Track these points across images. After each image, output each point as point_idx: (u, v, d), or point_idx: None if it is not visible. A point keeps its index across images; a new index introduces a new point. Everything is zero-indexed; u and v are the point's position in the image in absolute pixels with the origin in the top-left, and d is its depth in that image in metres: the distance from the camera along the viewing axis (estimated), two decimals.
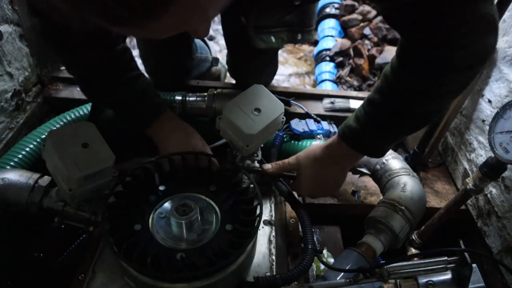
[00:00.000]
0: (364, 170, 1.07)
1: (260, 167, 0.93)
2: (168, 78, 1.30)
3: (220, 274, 0.65)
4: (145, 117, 0.93)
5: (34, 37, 1.26)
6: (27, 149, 0.99)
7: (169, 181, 0.79)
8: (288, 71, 2.28)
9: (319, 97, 1.40)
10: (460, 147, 1.28)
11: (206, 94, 1.19)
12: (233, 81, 1.39)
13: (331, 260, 1.08)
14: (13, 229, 1.00)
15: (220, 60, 1.58)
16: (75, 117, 1.10)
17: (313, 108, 1.34)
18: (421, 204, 0.94)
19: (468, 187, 0.93)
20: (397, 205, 0.89)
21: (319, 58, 2.22)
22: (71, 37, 0.83)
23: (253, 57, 1.18)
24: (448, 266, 0.74)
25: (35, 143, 1.00)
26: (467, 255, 0.71)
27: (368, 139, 0.82)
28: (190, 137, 0.93)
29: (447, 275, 0.75)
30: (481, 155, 1.16)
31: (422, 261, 0.76)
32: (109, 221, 0.70)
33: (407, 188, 0.94)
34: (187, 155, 0.83)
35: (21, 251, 1.04)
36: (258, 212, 0.73)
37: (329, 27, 2.33)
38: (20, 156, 0.97)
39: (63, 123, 1.07)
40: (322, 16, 2.42)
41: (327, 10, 2.41)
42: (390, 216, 0.88)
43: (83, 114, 1.11)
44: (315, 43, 2.40)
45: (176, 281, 0.64)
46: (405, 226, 0.88)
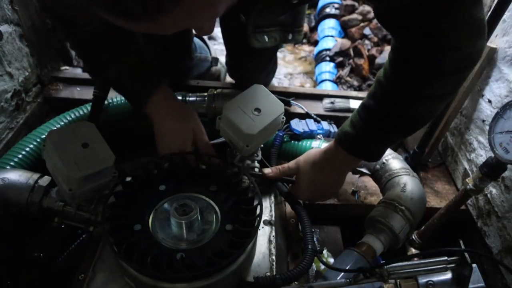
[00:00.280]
0: (364, 170, 1.07)
1: (260, 171, 0.93)
2: (167, 78, 1.31)
3: (220, 274, 0.65)
4: (137, 94, 0.89)
5: (34, 37, 1.26)
6: (27, 149, 0.98)
7: (169, 181, 0.79)
8: (288, 71, 2.28)
9: (319, 97, 1.40)
10: (460, 147, 1.28)
11: (206, 94, 1.19)
12: (233, 81, 1.39)
13: (331, 260, 1.08)
14: (13, 229, 1.00)
15: (220, 60, 1.58)
16: (75, 117, 1.10)
17: (313, 108, 1.34)
18: (421, 204, 0.94)
19: (468, 187, 0.93)
20: (397, 205, 0.89)
21: (319, 58, 2.22)
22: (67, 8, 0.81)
23: (251, 57, 1.18)
24: (448, 266, 0.74)
25: (35, 143, 1.00)
26: (467, 255, 0.71)
27: (364, 143, 0.83)
28: (186, 122, 0.90)
29: (447, 275, 0.75)
30: (481, 155, 1.16)
31: (422, 261, 0.76)
32: (109, 221, 0.70)
33: (407, 188, 0.94)
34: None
35: (21, 251, 1.04)
36: (258, 212, 0.73)
37: (329, 27, 2.33)
38: (20, 156, 0.96)
39: (63, 123, 1.07)
40: (322, 16, 2.41)
41: (327, 10, 2.40)
42: (390, 216, 0.88)
43: (83, 114, 1.11)
44: (315, 43, 2.40)
45: (176, 281, 0.64)
46: (405, 226, 0.88)
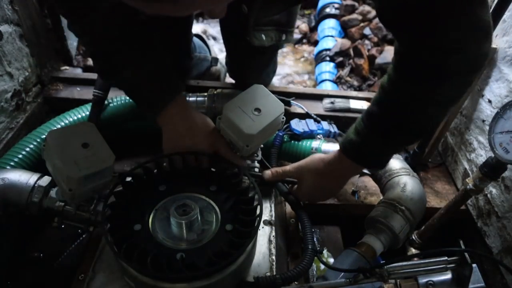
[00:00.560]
0: (364, 170, 1.07)
1: (260, 173, 0.93)
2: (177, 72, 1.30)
3: (220, 274, 0.65)
4: (152, 102, 0.84)
5: (34, 37, 1.26)
6: (27, 149, 0.98)
7: (169, 181, 0.79)
8: (288, 71, 2.28)
9: (319, 97, 1.40)
10: (460, 147, 1.28)
11: (206, 94, 1.19)
12: (233, 81, 1.39)
13: (331, 260, 1.08)
14: (13, 229, 1.00)
15: (220, 60, 1.58)
16: (75, 117, 1.10)
17: (313, 108, 1.34)
18: (421, 204, 0.94)
19: (468, 187, 0.93)
20: (397, 205, 0.89)
21: (319, 58, 2.22)
22: (84, 4, 0.77)
23: (252, 56, 1.18)
24: (448, 266, 0.74)
25: (35, 143, 1.00)
26: (467, 255, 0.71)
27: (370, 151, 0.82)
28: (196, 135, 0.86)
29: (447, 275, 0.75)
30: (481, 155, 1.16)
31: (422, 261, 0.76)
32: (109, 221, 0.70)
33: (407, 188, 0.94)
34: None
35: (21, 251, 1.04)
36: (258, 212, 0.73)
37: (329, 27, 2.33)
38: (20, 156, 0.96)
39: (63, 123, 1.07)
40: (322, 16, 2.41)
41: (327, 10, 2.40)
42: (390, 216, 0.88)
43: (83, 114, 1.11)
44: (315, 43, 2.40)
45: (176, 281, 0.64)
46: (405, 226, 0.88)
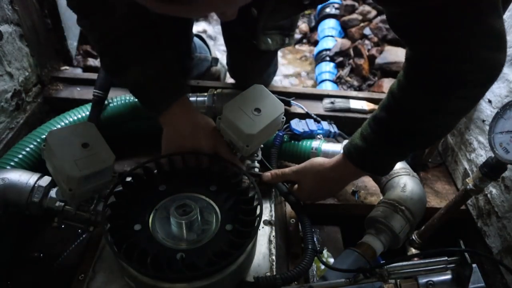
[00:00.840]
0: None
1: (260, 175, 0.93)
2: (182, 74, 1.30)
3: (220, 274, 0.65)
4: (163, 97, 0.84)
5: (34, 37, 1.26)
6: (27, 149, 0.98)
7: (169, 181, 0.79)
8: (288, 71, 2.28)
9: (319, 97, 1.40)
10: (460, 147, 1.28)
11: (206, 94, 1.19)
12: (233, 81, 1.39)
13: (331, 260, 1.08)
14: (13, 229, 1.00)
15: (220, 60, 1.58)
16: (75, 117, 1.10)
17: (313, 108, 1.34)
18: (421, 204, 0.94)
19: (468, 187, 0.93)
20: (397, 205, 0.89)
21: (319, 58, 2.22)
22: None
23: (252, 57, 1.18)
24: (448, 266, 0.74)
25: (35, 143, 1.00)
26: (467, 255, 0.71)
27: (375, 157, 0.81)
28: (197, 137, 0.85)
29: (447, 275, 0.75)
30: (481, 155, 1.16)
31: (422, 261, 0.76)
32: (109, 221, 0.70)
33: (407, 188, 0.94)
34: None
35: (21, 251, 1.04)
36: (258, 212, 0.73)
37: (329, 27, 2.33)
38: (20, 156, 0.97)
39: (63, 123, 1.07)
40: (322, 16, 2.41)
41: (327, 10, 2.40)
42: (390, 216, 0.88)
43: (83, 114, 1.11)
44: (315, 43, 2.40)
45: (176, 281, 0.64)
46: (405, 226, 0.88)
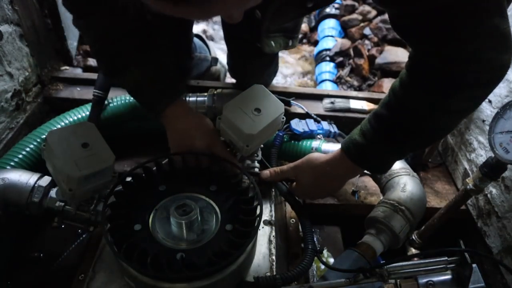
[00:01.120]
0: (366, 171, 1.07)
1: (258, 174, 0.93)
2: (178, 74, 1.29)
3: (220, 274, 0.65)
4: (162, 98, 0.86)
5: (34, 37, 1.26)
6: (27, 149, 0.98)
7: (169, 181, 0.79)
8: (288, 71, 2.28)
9: (319, 97, 1.40)
10: (460, 147, 1.28)
11: (206, 94, 1.19)
12: (233, 81, 1.39)
13: (331, 260, 1.08)
14: (13, 229, 1.00)
15: (220, 60, 1.58)
16: (75, 117, 1.10)
17: (313, 108, 1.34)
18: (421, 204, 0.94)
19: (468, 187, 0.93)
20: (397, 205, 0.89)
21: (319, 58, 2.22)
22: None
23: (253, 57, 1.18)
24: (448, 266, 0.74)
25: (35, 143, 1.00)
26: (467, 255, 0.71)
27: (374, 154, 0.80)
28: (193, 136, 0.87)
29: (447, 275, 0.75)
30: (481, 155, 1.16)
31: (422, 261, 0.76)
32: (109, 221, 0.70)
33: (407, 188, 0.94)
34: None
35: (21, 251, 1.05)
36: (258, 212, 0.73)
37: (329, 27, 2.33)
38: (20, 156, 0.96)
39: (63, 123, 1.07)
40: (322, 16, 2.41)
41: (327, 10, 2.40)
42: (390, 216, 0.88)
43: (83, 114, 1.11)
44: (315, 43, 2.40)
45: (176, 281, 0.64)
46: (405, 226, 0.88)
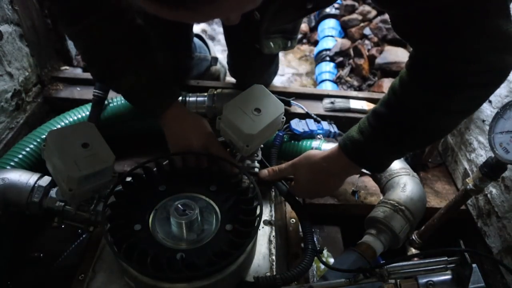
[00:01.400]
0: (365, 170, 1.07)
1: (257, 173, 0.93)
2: (172, 76, 1.30)
3: (220, 274, 0.65)
4: (159, 102, 0.88)
5: (34, 37, 1.26)
6: (27, 149, 0.98)
7: (169, 181, 0.79)
8: (288, 71, 2.28)
9: (319, 97, 1.40)
10: (460, 147, 1.28)
11: (206, 94, 1.19)
12: (233, 81, 1.39)
13: (331, 260, 1.08)
14: (13, 229, 1.00)
15: (220, 60, 1.58)
16: (75, 117, 1.10)
17: (313, 108, 1.34)
18: (421, 204, 0.94)
19: (468, 187, 0.93)
20: (397, 205, 0.89)
21: (319, 58, 2.22)
22: (85, 4, 0.79)
23: (254, 57, 1.18)
24: (448, 266, 0.74)
25: (35, 143, 1.00)
26: (467, 255, 0.71)
27: (372, 152, 0.79)
28: (189, 137, 0.89)
29: (447, 275, 0.75)
30: (481, 155, 1.16)
31: (422, 261, 0.76)
32: (109, 221, 0.70)
33: (407, 188, 0.94)
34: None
35: (21, 251, 1.05)
36: (258, 212, 0.73)
37: (329, 27, 2.33)
38: (20, 156, 0.97)
39: (63, 123, 1.07)
40: (322, 16, 2.41)
41: (327, 10, 2.40)
42: (390, 216, 0.88)
43: (83, 114, 1.11)
44: (315, 43, 2.40)
45: (176, 281, 0.64)
46: (405, 226, 0.88)
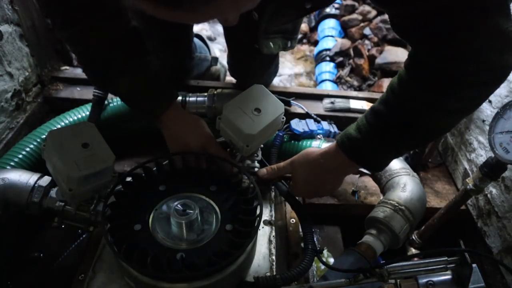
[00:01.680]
0: (364, 170, 1.07)
1: (255, 173, 0.93)
2: (168, 78, 1.30)
3: (220, 274, 0.65)
4: (156, 105, 0.89)
5: (34, 37, 1.26)
6: (27, 149, 0.99)
7: (169, 181, 0.79)
8: (288, 71, 2.28)
9: (319, 97, 1.40)
10: (460, 147, 1.28)
11: (206, 94, 1.19)
12: (233, 81, 1.39)
13: (331, 260, 1.08)
14: (13, 229, 1.00)
15: (220, 60, 1.58)
16: (75, 117, 1.10)
17: (313, 108, 1.34)
18: (421, 204, 0.94)
19: (468, 187, 0.93)
20: (397, 205, 0.89)
21: (319, 58, 2.22)
22: (80, 7, 0.78)
23: (254, 57, 1.18)
24: (448, 266, 0.74)
25: (35, 143, 1.00)
26: (467, 255, 0.71)
27: (369, 150, 0.78)
28: (186, 138, 0.90)
29: (447, 275, 0.75)
30: (481, 155, 1.16)
31: (422, 261, 0.76)
32: (109, 221, 0.70)
33: (407, 188, 0.94)
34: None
35: (21, 251, 1.05)
36: (258, 212, 0.73)
37: (329, 27, 2.33)
38: (20, 156, 0.97)
39: (63, 123, 1.07)
40: (322, 16, 2.41)
41: (327, 10, 2.40)
42: (390, 216, 0.88)
43: (83, 114, 1.11)
44: (315, 43, 2.40)
45: (176, 281, 0.64)
46: (405, 226, 0.88)
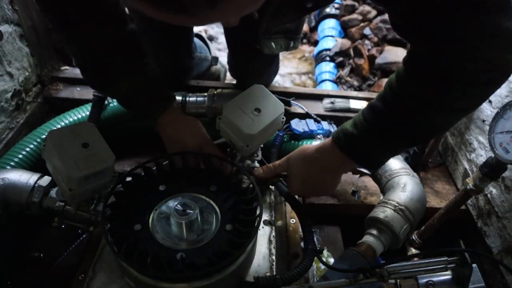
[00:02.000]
0: (364, 170, 1.07)
1: (252, 173, 0.92)
2: (168, 78, 1.30)
3: (220, 274, 0.65)
4: (154, 108, 0.90)
5: (34, 37, 1.26)
6: (27, 149, 0.99)
7: (169, 181, 0.79)
8: (288, 71, 2.28)
9: (319, 97, 1.40)
10: (460, 147, 1.28)
11: (206, 94, 1.19)
12: (234, 81, 1.39)
13: (331, 260, 1.08)
14: (13, 229, 1.00)
15: (220, 60, 1.58)
16: (75, 117, 1.10)
17: (313, 108, 1.34)
18: (421, 204, 0.94)
19: (468, 187, 0.93)
20: (397, 205, 0.89)
21: (319, 58, 2.22)
22: (79, 9, 0.79)
23: (254, 58, 1.18)
24: (448, 266, 0.74)
25: (35, 143, 1.00)
26: (467, 255, 0.71)
27: (364, 147, 0.76)
28: (183, 140, 0.90)
29: (447, 275, 0.75)
30: (481, 155, 1.16)
31: (422, 261, 0.76)
32: (109, 221, 0.70)
33: (407, 188, 0.94)
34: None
35: (21, 251, 1.05)
36: (258, 212, 0.73)
37: (329, 27, 2.33)
38: (20, 156, 0.97)
39: (63, 123, 1.07)
40: (322, 16, 2.41)
41: (327, 10, 2.40)
42: (390, 216, 0.88)
43: (83, 114, 1.11)
44: (315, 43, 2.40)
45: (176, 281, 0.64)
46: (405, 226, 0.88)
